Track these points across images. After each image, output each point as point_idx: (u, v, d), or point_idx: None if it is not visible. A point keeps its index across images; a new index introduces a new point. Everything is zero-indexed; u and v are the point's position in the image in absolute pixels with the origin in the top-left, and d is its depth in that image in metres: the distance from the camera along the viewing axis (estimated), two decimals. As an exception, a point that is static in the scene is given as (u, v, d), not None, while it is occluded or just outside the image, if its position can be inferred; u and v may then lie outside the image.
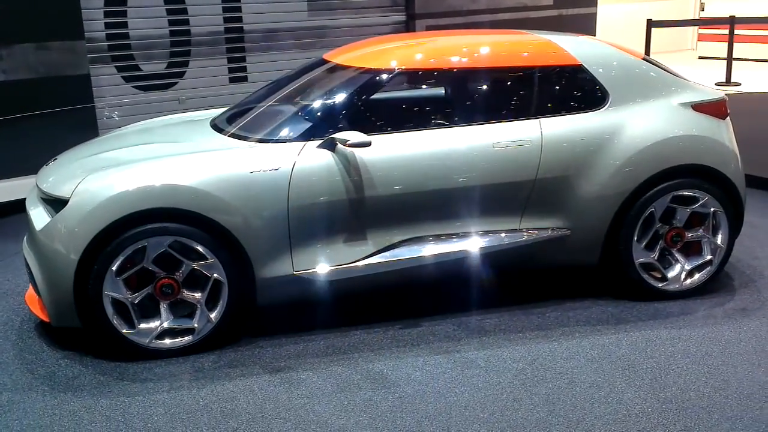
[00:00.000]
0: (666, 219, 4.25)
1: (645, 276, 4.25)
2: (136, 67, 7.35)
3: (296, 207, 3.77)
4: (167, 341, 3.76)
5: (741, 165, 4.37)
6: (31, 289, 4.02)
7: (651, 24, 11.49)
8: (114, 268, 3.61)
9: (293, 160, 3.80)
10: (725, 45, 11.98)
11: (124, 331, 3.69)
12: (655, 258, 4.26)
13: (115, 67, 7.30)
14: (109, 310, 3.64)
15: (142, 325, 3.72)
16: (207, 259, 3.70)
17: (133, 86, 7.43)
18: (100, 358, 3.76)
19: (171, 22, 7.40)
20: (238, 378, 3.58)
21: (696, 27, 16.23)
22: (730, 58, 11.84)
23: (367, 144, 3.77)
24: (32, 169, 4.42)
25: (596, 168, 4.09)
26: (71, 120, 6.79)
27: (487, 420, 3.19)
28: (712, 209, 4.24)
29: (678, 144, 4.17)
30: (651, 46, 11.29)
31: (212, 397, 3.41)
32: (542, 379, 3.50)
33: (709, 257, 4.31)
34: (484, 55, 4.33)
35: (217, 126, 4.31)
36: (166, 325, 3.75)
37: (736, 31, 11.99)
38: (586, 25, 10.07)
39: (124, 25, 7.18)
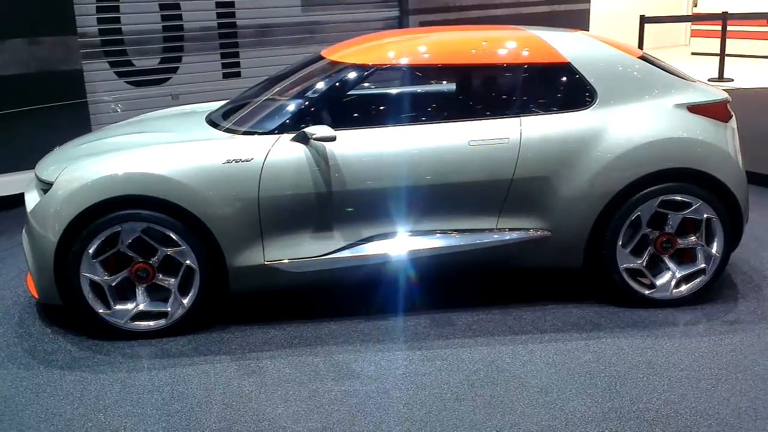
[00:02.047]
0: (657, 224, 4.10)
1: (631, 282, 4.11)
2: (129, 63, 7.42)
3: (267, 198, 3.84)
4: (142, 323, 3.91)
5: (742, 170, 4.17)
6: (31, 270, 4.26)
7: (644, 20, 11.27)
8: (90, 251, 3.78)
9: (266, 152, 3.87)
10: (718, 41, 11.86)
11: (101, 311, 3.86)
12: (643, 264, 4.11)
13: (108, 62, 7.31)
14: (86, 290, 3.82)
15: (118, 307, 3.89)
16: (180, 245, 3.83)
17: (125, 81, 7.44)
18: (80, 336, 3.96)
19: (164, 17, 7.46)
20: (199, 363, 3.69)
21: (689, 23, 16.04)
22: (722, 54, 11.74)
23: (332, 138, 3.80)
24: (27, 164, 4.56)
25: (578, 169, 3.99)
26: (64, 115, 6.80)
27: (422, 419, 3.18)
28: (705, 216, 4.06)
29: (667, 146, 4.01)
30: (644, 42, 11.06)
31: (167, 380, 3.54)
32: (492, 381, 3.46)
33: (702, 266, 4.13)
34: (468, 51, 4.28)
35: (210, 118, 4.43)
36: (141, 307, 3.90)
37: (729, 27, 11.87)
38: (579, 21, 9.88)
39: (117, 20, 7.26)
